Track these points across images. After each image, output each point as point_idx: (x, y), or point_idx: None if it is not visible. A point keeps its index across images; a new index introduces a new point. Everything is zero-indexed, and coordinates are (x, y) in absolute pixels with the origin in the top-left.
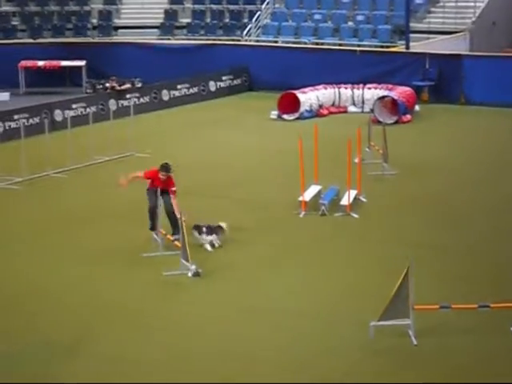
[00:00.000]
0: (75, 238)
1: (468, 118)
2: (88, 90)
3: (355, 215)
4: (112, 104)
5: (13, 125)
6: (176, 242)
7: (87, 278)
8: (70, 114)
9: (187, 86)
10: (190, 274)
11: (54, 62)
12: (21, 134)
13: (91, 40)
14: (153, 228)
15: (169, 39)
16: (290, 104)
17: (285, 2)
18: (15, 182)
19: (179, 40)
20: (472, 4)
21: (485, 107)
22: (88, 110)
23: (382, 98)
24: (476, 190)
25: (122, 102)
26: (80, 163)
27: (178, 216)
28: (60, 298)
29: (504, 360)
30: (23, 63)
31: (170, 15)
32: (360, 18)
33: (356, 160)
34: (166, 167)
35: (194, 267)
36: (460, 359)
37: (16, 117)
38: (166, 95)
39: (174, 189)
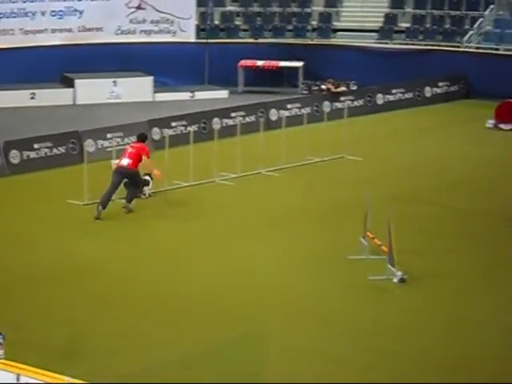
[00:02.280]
0: (281, 237)
1: None
2: (304, 91)
3: None
4: (326, 106)
5: (230, 122)
6: (383, 247)
7: (290, 277)
8: (284, 113)
9: (402, 90)
10: (395, 280)
11: (273, 62)
12: (236, 131)
13: (310, 42)
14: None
15: (387, 43)
16: (508, 113)
17: (509, 8)
18: (230, 177)
19: (397, 44)
20: None
21: None
22: (302, 110)
23: None
24: None
25: (336, 104)
26: (292, 163)
27: None
28: (263, 294)
29: None
30: (243, 62)
31: (390, 19)
32: None
33: None
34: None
35: (399, 273)
36: None
37: (233, 114)
38: (380, 99)
39: None
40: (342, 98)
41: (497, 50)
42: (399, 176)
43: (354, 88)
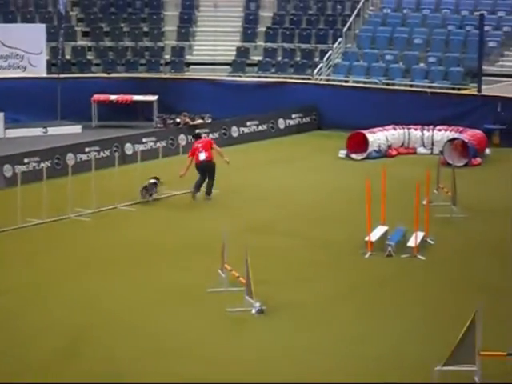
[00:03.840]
0: (140, 272)
1: None
2: (159, 125)
3: (422, 257)
4: (182, 139)
5: (84, 157)
6: (241, 279)
7: (150, 312)
8: (140, 147)
9: (256, 123)
10: (253, 311)
11: (127, 97)
12: (91, 166)
13: (163, 75)
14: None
15: (240, 76)
16: (358, 143)
17: (356, 41)
18: (85, 213)
19: (250, 77)
20: None
21: None
22: (158, 144)
23: (452, 140)
24: None
25: (191, 137)
26: (149, 197)
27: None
28: (119, 331)
29: None
30: (96, 97)
31: (242, 52)
32: (432, 59)
33: (424, 202)
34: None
35: (258, 304)
36: None
37: (87, 149)
38: (235, 132)
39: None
40: (198, 131)
41: (346, 81)
42: (255, 207)
43: (209, 121)
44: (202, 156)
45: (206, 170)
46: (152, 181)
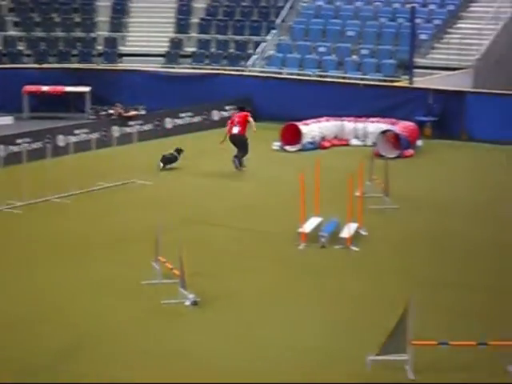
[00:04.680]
0: (75, 265)
1: (470, 153)
2: (91, 116)
3: (355, 248)
4: (115, 130)
5: (15, 149)
6: (174, 270)
7: (85, 304)
8: (72, 139)
9: (190, 114)
10: (187, 303)
11: (58, 88)
12: (23, 158)
13: (96, 66)
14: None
15: (173, 67)
16: (292, 135)
17: (290, 33)
18: (16, 205)
19: (184, 68)
20: (476, 41)
21: (487, 144)
22: (91, 136)
23: (385, 132)
24: (477, 225)
25: (124, 128)
26: (82, 189)
27: None
28: (54, 323)
29: None
30: (27, 88)
31: (175, 44)
32: (364, 51)
33: (357, 193)
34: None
35: (192, 296)
36: None
37: (18, 141)
38: (169, 123)
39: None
40: (131, 123)
41: (280, 73)
42: (191, 199)
43: (143, 112)
44: (235, 130)
45: (237, 143)
46: (174, 152)
